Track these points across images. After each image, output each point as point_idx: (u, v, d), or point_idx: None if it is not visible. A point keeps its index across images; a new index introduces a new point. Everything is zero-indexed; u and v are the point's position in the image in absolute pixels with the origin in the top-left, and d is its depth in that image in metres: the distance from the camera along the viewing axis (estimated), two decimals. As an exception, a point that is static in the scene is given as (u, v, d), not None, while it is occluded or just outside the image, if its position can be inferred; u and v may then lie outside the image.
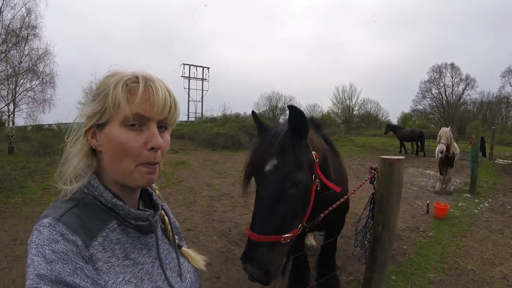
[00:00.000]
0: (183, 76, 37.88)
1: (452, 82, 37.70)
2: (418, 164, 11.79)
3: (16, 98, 13.97)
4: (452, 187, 7.26)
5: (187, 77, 38.07)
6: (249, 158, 1.64)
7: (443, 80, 38.11)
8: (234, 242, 4.10)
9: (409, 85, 67.08)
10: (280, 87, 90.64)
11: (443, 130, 6.73)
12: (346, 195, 2.12)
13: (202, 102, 39.00)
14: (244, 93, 70.55)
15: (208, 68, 39.60)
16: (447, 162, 6.91)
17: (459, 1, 77.13)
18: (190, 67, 38.40)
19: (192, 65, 38.56)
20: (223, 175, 8.61)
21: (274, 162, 1.51)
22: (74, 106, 0.79)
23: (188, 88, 38.18)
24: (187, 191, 6.87)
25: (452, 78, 37.71)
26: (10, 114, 14.14)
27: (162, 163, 0.78)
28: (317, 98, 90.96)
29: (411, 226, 4.84)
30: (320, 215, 1.83)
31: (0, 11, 12.62)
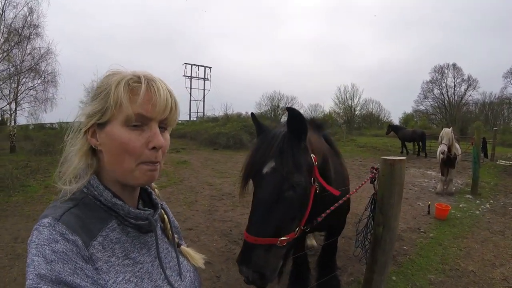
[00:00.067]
0: (185, 76, 37.90)
1: (454, 83, 37.61)
2: (420, 164, 11.77)
3: (18, 97, 14.00)
4: (454, 188, 7.25)
5: (189, 76, 38.08)
6: (247, 160, 1.63)
7: (445, 80, 38.02)
8: (235, 241, 4.10)
9: (411, 85, 66.93)
10: (281, 87, 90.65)
11: (444, 130, 6.72)
12: (346, 196, 2.09)
13: (204, 101, 39.03)
14: (246, 93, 70.61)
15: (210, 67, 39.60)
16: (448, 163, 6.90)
17: (460, 1, 76.95)
18: (192, 66, 38.39)
19: (194, 64, 38.55)
20: (225, 175, 8.61)
21: (272, 164, 1.50)
22: (76, 105, 0.78)
23: (190, 88, 38.18)
24: (188, 191, 6.87)
25: (454, 79, 37.63)
26: (12, 112, 14.18)
27: (163, 162, 0.78)
28: (319, 98, 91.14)
29: (412, 227, 4.83)
30: (318, 218, 1.82)
31: (3, 10, 12.66)
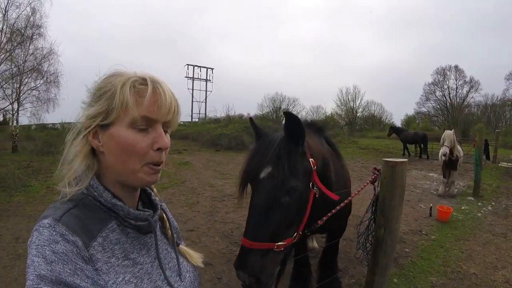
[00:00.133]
0: (187, 77, 38.00)
1: (456, 85, 37.62)
2: (422, 166, 11.75)
3: (21, 97, 14.03)
4: (456, 190, 7.24)
5: (191, 77, 38.18)
6: (245, 165, 1.63)
7: (447, 82, 38.04)
8: (236, 243, 4.09)
9: (413, 87, 66.93)
10: (283, 88, 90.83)
11: (446, 132, 6.70)
12: (346, 200, 2.08)
13: (206, 102, 39.12)
14: (248, 94, 70.64)
15: (212, 69, 39.75)
16: (450, 165, 6.88)
17: (461, 2, 76.85)
18: (194, 68, 38.52)
19: (196, 65, 38.68)
20: (226, 176, 8.61)
21: (268, 170, 1.50)
22: (78, 106, 0.78)
23: (192, 89, 38.30)
24: (190, 192, 6.88)
25: (456, 81, 37.64)
26: (14, 113, 14.22)
27: (165, 163, 0.78)
28: (320, 100, 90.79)
29: (413, 229, 4.82)
30: (318, 222, 1.82)
31: (5, 10, 12.70)
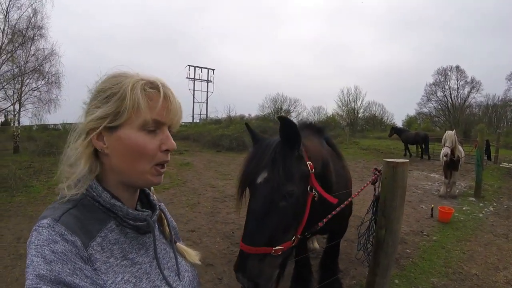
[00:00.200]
0: (188, 78, 38.05)
1: (457, 85, 37.57)
2: (423, 167, 11.73)
3: (22, 98, 14.05)
4: (457, 191, 7.22)
5: (192, 78, 38.23)
6: (242, 170, 1.64)
7: (448, 83, 37.99)
8: (237, 243, 4.08)
9: (414, 87, 66.80)
10: (285, 89, 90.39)
11: (448, 133, 6.69)
12: (348, 200, 2.08)
13: (207, 103, 39.15)
14: (249, 94, 70.52)
15: (213, 69, 39.80)
16: (452, 165, 6.87)
17: (461, 2, 76.77)
18: (195, 68, 38.56)
19: (197, 66, 38.75)
20: (227, 177, 8.60)
21: (264, 175, 1.51)
22: (79, 106, 0.78)
23: (193, 90, 38.36)
24: (191, 193, 6.88)
25: (457, 81, 37.59)
26: (15, 113, 14.24)
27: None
28: (321, 101, 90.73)
29: (415, 229, 4.81)
30: (319, 224, 1.82)
31: (7, 11, 12.71)
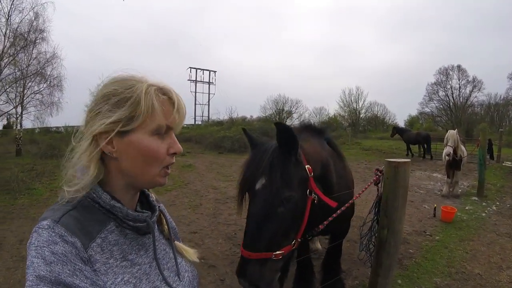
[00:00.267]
0: (190, 80, 38.12)
1: (459, 85, 37.31)
2: (425, 167, 11.69)
3: (24, 101, 14.10)
4: (460, 190, 7.19)
5: (193, 80, 38.29)
6: (240, 176, 1.65)
7: (450, 82, 37.72)
8: (239, 245, 4.06)
9: (415, 87, 66.64)
10: (286, 90, 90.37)
11: (450, 132, 6.67)
12: (349, 202, 2.08)
13: (209, 105, 39.21)
14: (251, 95, 70.62)
15: (215, 71, 39.88)
16: (454, 165, 6.84)
17: (461, 2, 76.60)
18: (197, 70, 38.65)
19: (199, 68, 38.88)
20: (229, 178, 8.60)
21: (263, 181, 1.51)
22: (81, 109, 0.78)
23: (195, 92, 38.46)
24: (193, 194, 6.89)
25: (459, 80, 37.32)
26: (18, 116, 14.29)
27: None
28: (323, 101, 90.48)
29: (418, 229, 4.79)
30: (320, 226, 1.82)
31: (9, 15, 12.77)
